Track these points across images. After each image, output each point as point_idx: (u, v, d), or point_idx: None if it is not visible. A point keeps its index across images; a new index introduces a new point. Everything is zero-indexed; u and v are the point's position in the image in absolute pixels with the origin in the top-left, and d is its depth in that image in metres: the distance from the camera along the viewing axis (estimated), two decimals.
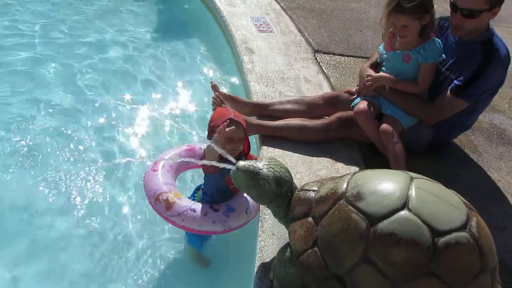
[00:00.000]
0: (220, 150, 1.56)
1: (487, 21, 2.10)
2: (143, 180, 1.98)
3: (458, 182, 2.27)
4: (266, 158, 1.50)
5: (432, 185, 1.33)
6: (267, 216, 1.85)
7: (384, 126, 2.18)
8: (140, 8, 4.39)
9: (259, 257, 1.68)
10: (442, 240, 1.17)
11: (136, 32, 4.02)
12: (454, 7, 2.10)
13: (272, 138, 2.35)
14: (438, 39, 2.20)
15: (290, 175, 1.52)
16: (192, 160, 1.81)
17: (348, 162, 2.28)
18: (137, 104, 3.18)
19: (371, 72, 2.36)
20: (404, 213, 1.20)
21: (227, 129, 1.84)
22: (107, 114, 3.04)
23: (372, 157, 2.35)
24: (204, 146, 2.14)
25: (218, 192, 1.96)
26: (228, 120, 1.86)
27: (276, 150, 2.29)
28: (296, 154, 2.28)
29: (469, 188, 2.20)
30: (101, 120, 3.00)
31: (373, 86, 2.30)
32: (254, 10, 3.95)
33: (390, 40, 2.29)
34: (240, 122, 1.88)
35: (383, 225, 1.20)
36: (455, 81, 2.13)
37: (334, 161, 2.27)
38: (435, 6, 2.14)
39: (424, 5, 2.07)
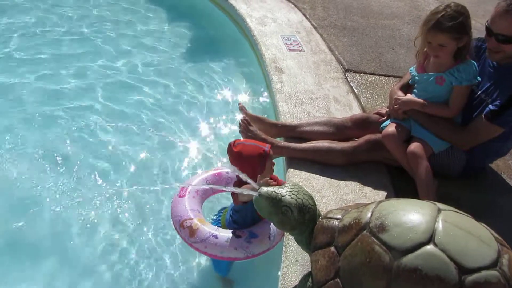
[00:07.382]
0: (244, 177, 1.55)
1: None
2: (171, 206, 2.03)
3: (494, 210, 2.16)
4: (290, 185, 1.49)
5: (461, 218, 1.27)
6: (291, 242, 1.84)
7: (412, 148, 2.11)
8: (170, 27, 4.48)
9: (282, 284, 1.67)
10: (470, 278, 1.12)
11: (165, 49, 4.10)
12: (489, 31, 2.04)
13: (299, 160, 2.34)
14: (474, 61, 2.13)
15: (314, 202, 1.50)
16: (216, 186, 1.82)
17: (377, 186, 2.23)
18: (164, 124, 3.19)
19: (400, 94, 2.31)
20: (429, 248, 1.16)
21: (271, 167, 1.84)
22: (133, 135, 3.06)
23: (401, 181, 2.28)
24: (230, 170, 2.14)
25: (253, 221, 1.94)
26: (268, 158, 1.82)
27: (303, 173, 2.27)
28: (323, 177, 2.25)
29: (506, 217, 2.10)
30: (128, 141, 3.00)
31: (401, 109, 2.25)
32: (284, 28, 3.96)
33: (422, 62, 2.24)
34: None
35: (407, 259, 1.17)
36: (490, 106, 2.05)
37: (362, 185, 2.23)
38: (472, 22, 2.08)
39: (464, 25, 2.03)
